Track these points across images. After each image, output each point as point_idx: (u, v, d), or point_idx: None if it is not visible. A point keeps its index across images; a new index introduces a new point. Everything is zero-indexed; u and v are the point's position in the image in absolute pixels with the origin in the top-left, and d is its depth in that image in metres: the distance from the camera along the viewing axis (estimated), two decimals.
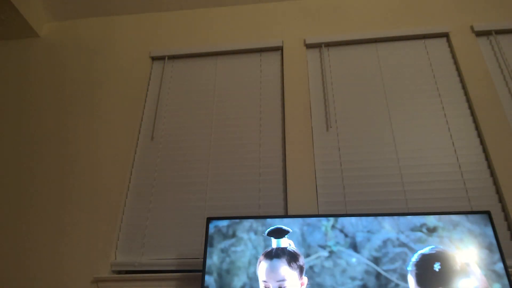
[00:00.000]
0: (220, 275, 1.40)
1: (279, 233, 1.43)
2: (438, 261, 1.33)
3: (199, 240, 1.73)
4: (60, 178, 1.94)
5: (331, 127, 1.94)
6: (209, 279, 1.40)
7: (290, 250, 1.39)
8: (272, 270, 1.36)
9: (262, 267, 1.38)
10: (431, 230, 1.39)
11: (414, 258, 1.35)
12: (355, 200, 1.73)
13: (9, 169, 2.01)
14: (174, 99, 2.16)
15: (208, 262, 1.43)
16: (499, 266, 1.31)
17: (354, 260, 1.38)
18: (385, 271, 1.34)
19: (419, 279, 1.31)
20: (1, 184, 1.97)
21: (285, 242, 1.41)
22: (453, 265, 1.32)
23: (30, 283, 1.69)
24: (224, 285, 1.39)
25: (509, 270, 1.38)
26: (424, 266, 1.33)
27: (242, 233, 1.47)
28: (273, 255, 1.39)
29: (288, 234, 1.42)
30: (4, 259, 1.76)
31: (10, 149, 2.07)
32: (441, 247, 1.36)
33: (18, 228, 1.83)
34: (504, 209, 1.63)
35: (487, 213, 1.41)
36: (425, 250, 1.36)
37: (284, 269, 1.36)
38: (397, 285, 1.31)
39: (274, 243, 1.42)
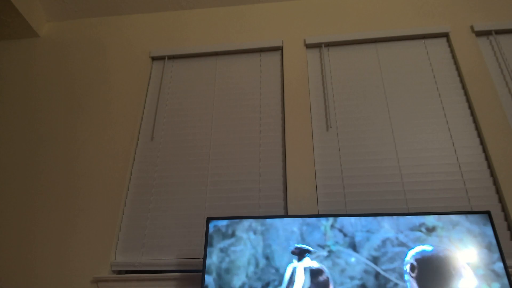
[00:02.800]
0: (219, 275, 1.41)
1: (301, 253, 1.41)
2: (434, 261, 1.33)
3: (199, 240, 1.73)
4: (60, 178, 1.95)
5: (331, 127, 1.94)
6: (209, 279, 1.40)
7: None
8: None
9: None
10: (431, 230, 1.39)
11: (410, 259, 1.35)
12: (355, 200, 1.73)
13: (10, 169, 2.01)
14: (174, 99, 2.16)
15: (208, 262, 1.43)
16: (499, 266, 1.31)
17: (353, 259, 1.37)
18: (384, 270, 1.34)
19: (419, 282, 1.31)
20: (2, 184, 1.97)
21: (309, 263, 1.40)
22: (446, 266, 1.32)
23: (30, 283, 1.69)
24: (223, 284, 1.39)
25: (509, 270, 1.38)
26: (422, 268, 1.33)
27: (241, 233, 1.47)
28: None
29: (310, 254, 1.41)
30: (4, 259, 1.77)
31: (10, 149, 2.07)
32: (432, 247, 1.36)
33: (19, 228, 1.83)
34: (504, 209, 1.63)
35: (487, 213, 1.40)
36: (414, 252, 1.35)
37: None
38: (396, 284, 1.31)
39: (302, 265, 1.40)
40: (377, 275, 1.33)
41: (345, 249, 1.39)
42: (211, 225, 1.51)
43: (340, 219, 1.46)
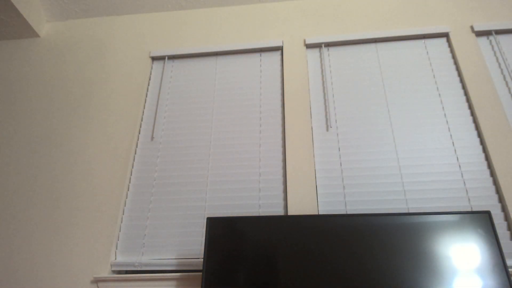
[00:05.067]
0: (220, 275, 1.40)
1: None
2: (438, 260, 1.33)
3: (199, 240, 1.73)
4: (60, 178, 1.94)
5: (331, 127, 1.94)
6: (209, 279, 1.40)
7: None
8: None
9: None
10: (431, 230, 1.39)
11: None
12: (355, 200, 1.73)
13: (9, 169, 2.01)
14: (174, 99, 2.16)
15: (208, 262, 1.43)
16: (499, 266, 1.31)
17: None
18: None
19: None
20: (1, 184, 1.97)
21: None
22: (453, 265, 1.32)
23: (30, 283, 1.69)
24: (224, 284, 1.38)
25: (509, 270, 1.38)
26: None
27: (242, 233, 1.47)
28: None
29: None
30: (4, 259, 1.76)
31: (10, 149, 2.07)
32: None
33: (18, 228, 1.83)
34: (504, 209, 1.63)
35: (487, 213, 1.41)
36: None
37: None
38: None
39: None
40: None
41: None
42: (211, 226, 1.51)
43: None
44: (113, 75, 2.26)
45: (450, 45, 2.09)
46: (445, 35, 2.13)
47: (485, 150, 1.77)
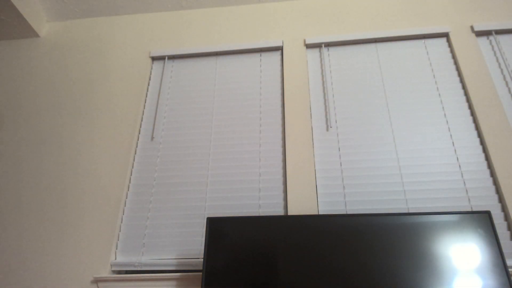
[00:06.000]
0: (220, 275, 1.40)
1: None
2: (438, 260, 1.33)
3: (199, 240, 1.73)
4: (60, 178, 1.94)
5: (331, 127, 1.94)
6: (209, 279, 1.40)
7: None
8: None
9: None
10: (431, 230, 1.39)
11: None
12: (355, 200, 1.73)
13: (10, 169, 2.01)
14: (174, 99, 2.16)
15: (208, 262, 1.43)
16: (499, 266, 1.31)
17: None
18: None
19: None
20: (2, 184, 1.97)
21: None
22: (453, 265, 1.32)
23: (30, 283, 1.69)
24: (224, 285, 1.39)
25: (509, 270, 1.38)
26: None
27: (242, 233, 1.47)
28: None
29: None
30: (4, 259, 1.76)
31: (10, 149, 2.07)
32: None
33: (18, 228, 1.83)
34: (504, 209, 1.63)
35: (487, 213, 1.41)
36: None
37: None
38: None
39: None
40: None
41: None
42: (211, 226, 1.51)
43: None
44: (113, 75, 2.26)
45: (450, 45, 2.09)
46: (445, 35, 2.13)
47: (485, 150, 1.77)
